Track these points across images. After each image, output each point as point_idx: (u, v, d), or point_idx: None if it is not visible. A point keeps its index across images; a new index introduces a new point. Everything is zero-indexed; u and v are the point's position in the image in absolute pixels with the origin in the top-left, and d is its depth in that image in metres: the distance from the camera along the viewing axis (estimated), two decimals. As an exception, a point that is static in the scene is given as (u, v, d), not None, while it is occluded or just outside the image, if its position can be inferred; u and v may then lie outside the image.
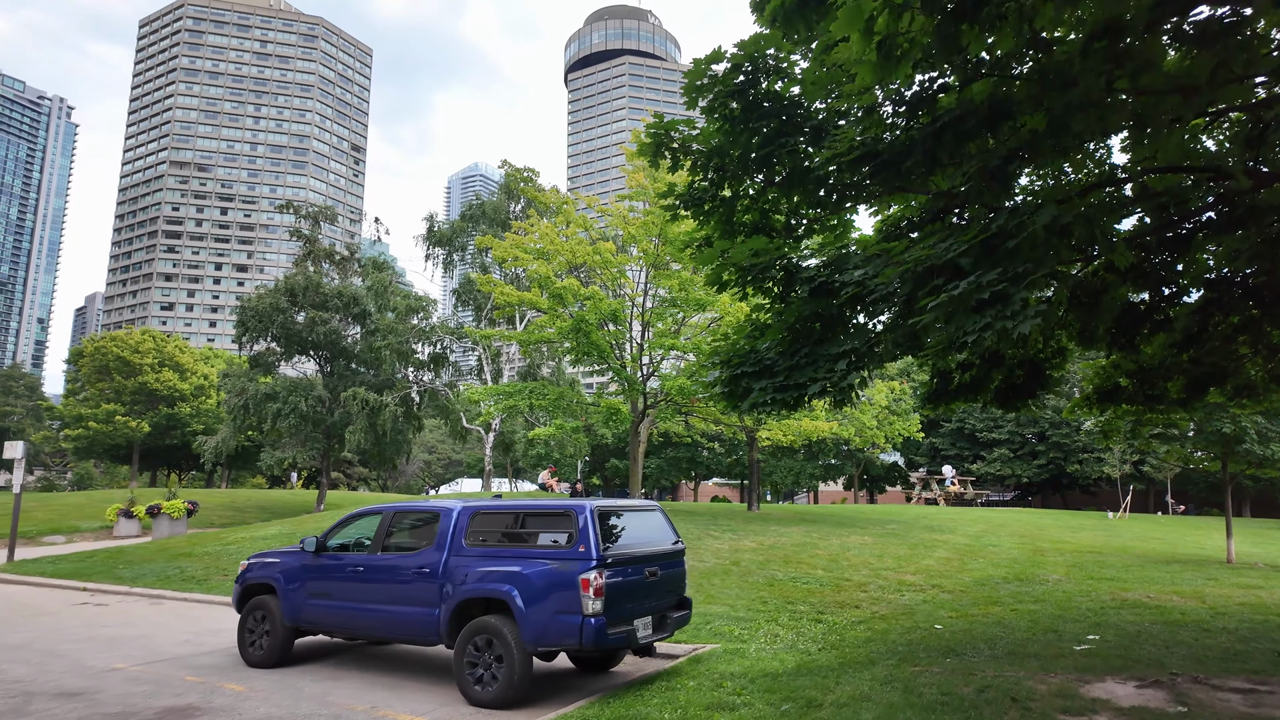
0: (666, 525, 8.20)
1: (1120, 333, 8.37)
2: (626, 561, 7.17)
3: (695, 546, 15.65)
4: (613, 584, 6.92)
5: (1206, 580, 12.37)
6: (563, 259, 20.53)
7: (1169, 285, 7.92)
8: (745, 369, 5.73)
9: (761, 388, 5.53)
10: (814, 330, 5.80)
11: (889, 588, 12.19)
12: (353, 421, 30.70)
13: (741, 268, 5.38)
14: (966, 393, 9.67)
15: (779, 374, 5.57)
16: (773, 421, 21.99)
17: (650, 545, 7.74)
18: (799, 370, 5.51)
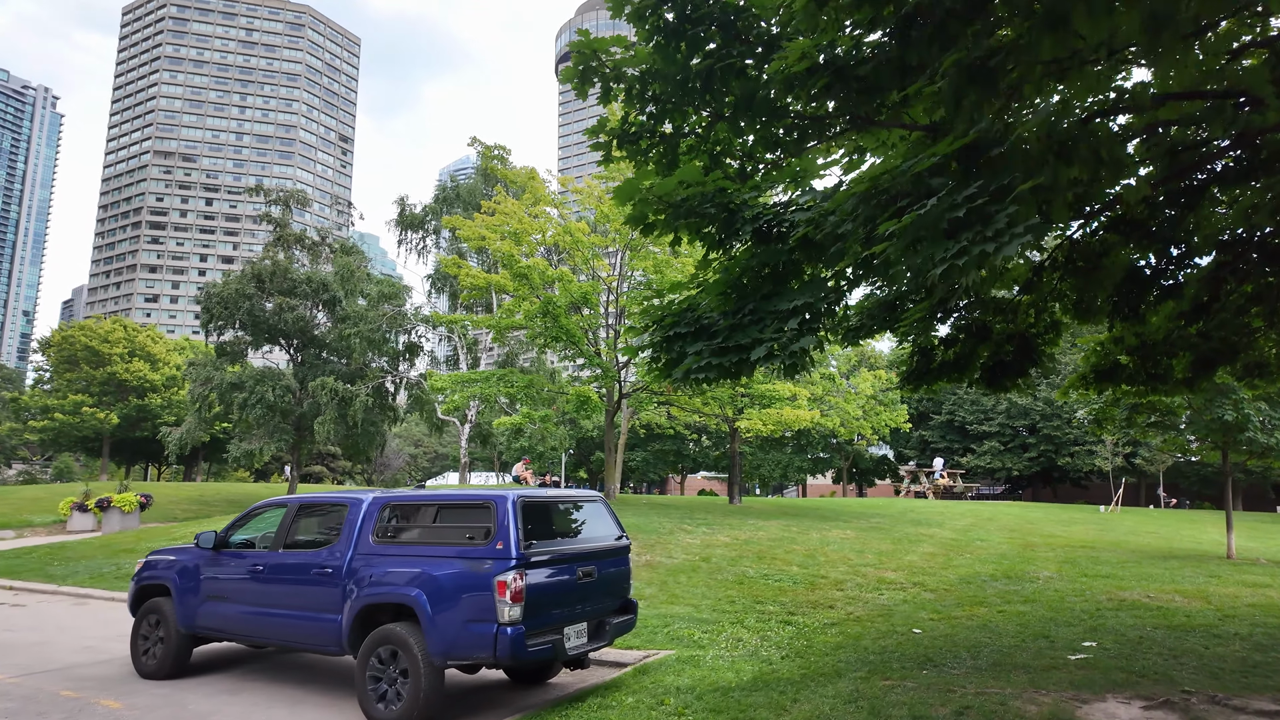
0: (609, 519, 7.23)
1: (1123, 301, 7.43)
2: (555, 560, 6.20)
3: (665, 542, 14.70)
4: (536, 587, 5.95)
5: (1209, 578, 11.50)
6: (534, 239, 19.51)
7: (1178, 246, 6.97)
8: (679, 330, 4.75)
9: (697, 352, 4.55)
10: (762, 284, 4.83)
11: (867, 586, 11.27)
12: (322, 412, 29.60)
13: (671, 204, 4.39)
14: (950, 371, 8.72)
15: (718, 335, 4.59)
16: (752, 411, 21.07)
17: (587, 541, 6.77)
18: (741, 330, 4.53)
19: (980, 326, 8.24)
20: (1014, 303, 8.23)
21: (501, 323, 19.19)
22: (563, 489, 7.26)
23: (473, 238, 18.80)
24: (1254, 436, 13.57)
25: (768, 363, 4.27)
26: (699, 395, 22.25)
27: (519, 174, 19.52)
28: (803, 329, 4.33)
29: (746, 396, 22.91)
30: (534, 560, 5.97)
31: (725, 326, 4.63)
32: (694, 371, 4.48)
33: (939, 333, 8.92)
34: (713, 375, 4.43)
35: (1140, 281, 7.21)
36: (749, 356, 4.32)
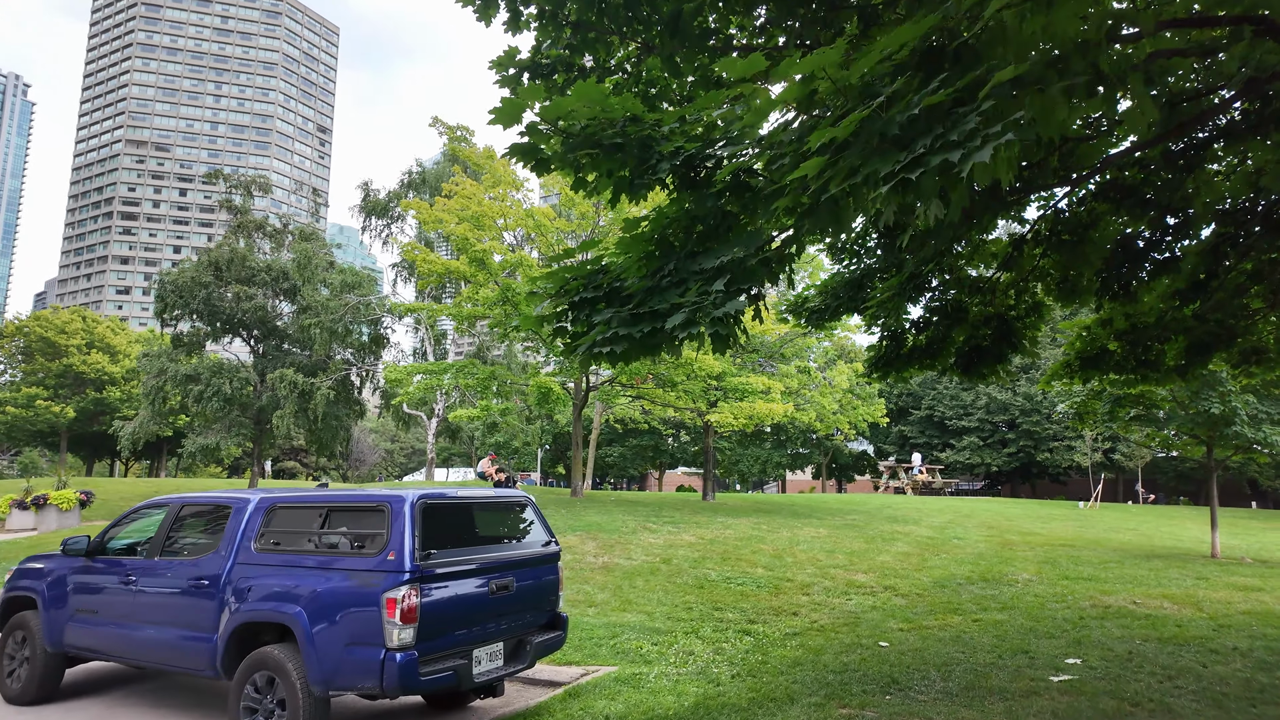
0: (536, 522, 6.36)
1: (1113, 278, 6.67)
2: (462, 572, 5.33)
3: (626, 542, 13.86)
4: (435, 604, 5.08)
5: (1196, 580, 10.85)
6: (498, 224, 18.55)
7: (1175, 215, 6.21)
8: (586, 295, 3.88)
9: (605, 320, 3.69)
10: (691, 240, 3.97)
11: (835, 590, 10.49)
12: (281, 406, 28.44)
13: (571, 134, 3.51)
14: (922, 357, 7.93)
15: (632, 300, 3.73)
16: (725, 404, 20.28)
17: (505, 549, 5.90)
18: (660, 294, 3.68)
19: (955, 307, 7.45)
20: (992, 281, 7.45)
21: (462, 312, 18.23)
22: (494, 488, 6.41)
23: (430, 221, 17.82)
24: (1241, 430, 12.97)
25: (688, 332, 3.41)
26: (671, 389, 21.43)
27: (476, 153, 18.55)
28: (730, 289, 3.48)
29: (720, 390, 22.13)
30: (434, 573, 5.10)
31: (640, 290, 3.77)
32: (599, 345, 3.62)
33: (910, 315, 8.15)
34: (623, 348, 3.57)
35: (1132, 255, 6.45)
36: (664, 325, 3.47)
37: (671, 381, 20.61)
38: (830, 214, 3.16)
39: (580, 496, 21.01)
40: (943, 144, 2.12)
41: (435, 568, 5.11)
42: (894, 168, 2.21)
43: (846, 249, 8.26)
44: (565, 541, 13.70)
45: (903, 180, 2.20)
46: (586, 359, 3.83)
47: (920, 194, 2.24)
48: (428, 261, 18.43)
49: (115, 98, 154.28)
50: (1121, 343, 7.71)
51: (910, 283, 6.32)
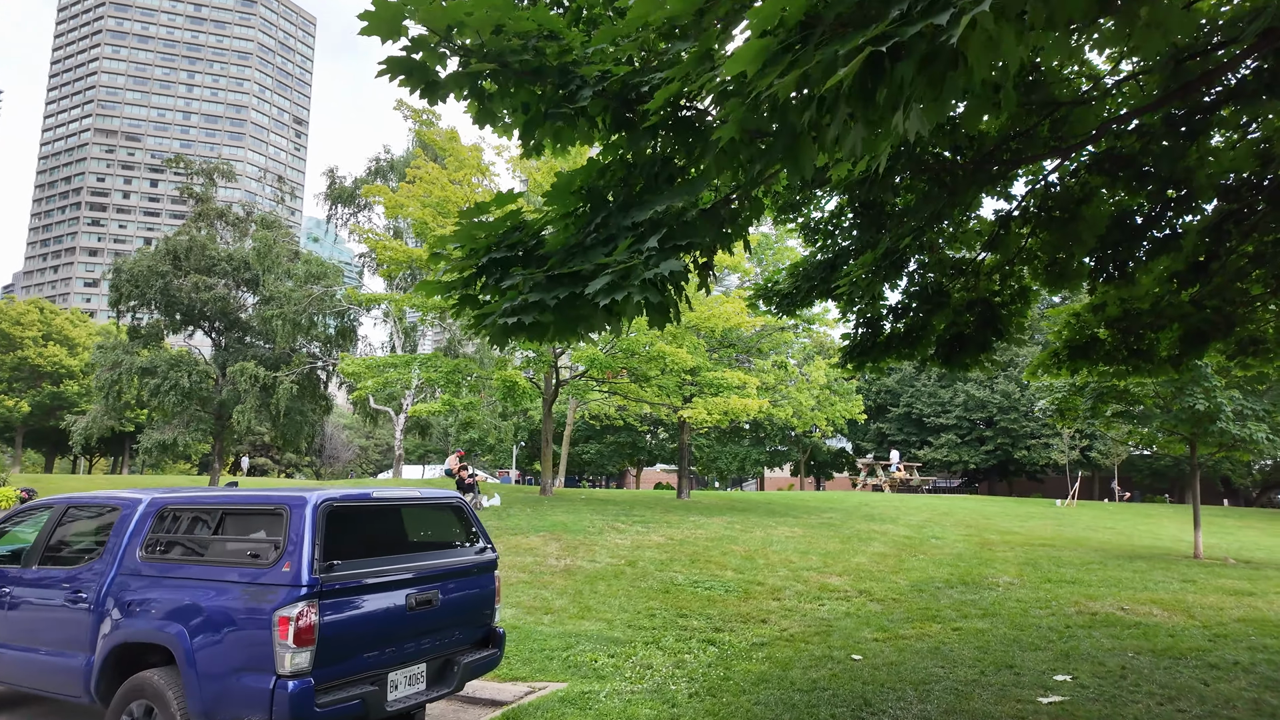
0: (470, 526, 5.68)
1: (1108, 258, 6.10)
2: (375, 585, 4.64)
3: (591, 543, 13.21)
4: (339, 622, 4.38)
5: (1183, 583, 10.41)
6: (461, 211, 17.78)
7: (1177, 188, 5.65)
8: (498, 255, 3.21)
9: (515, 285, 3.02)
10: (625, 191, 3.31)
11: (808, 594, 9.91)
12: (242, 400, 27.45)
13: (470, 51, 2.83)
14: (900, 346, 7.35)
15: (552, 261, 3.07)
16: (699, 400, 19.68)
17: (430, 558, 5.21)
18: (583, 253, 3.02)
19: (936, 291, 6.86)
20: (975, 264, 6.88)
21: (426, 302, 17.45)
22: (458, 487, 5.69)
23: (393, 207, 17.00)
24: (1226, 427, 12.58)
25: (612, 298, 2.75)
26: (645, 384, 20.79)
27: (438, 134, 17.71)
28: (665, 247, 2.82)
29: (695, 385, 21.53)
30: (339, 586, 4.40)
31: (561, 249, 3.10)
32: (508, 315, 2.95)
33: (888, 301, 7.56)
34: (533, 319, 2.90)
35: (1130, 233, 5.89)
36: (585, 290, 2.80)
37: (645, 376, 19.97)
38: (786, 149, 2.52)
39: (550, 495, 20.32)
40: (923, 7, 1.48)
41: (340, 580, 4.42)
42: (858, 43, 1.57)
43: (820, 229, 7.65)
44: (526, 543, 13.03)
45: (873, 66, 1.55)
46: (497, 333, 3.15)
47: (894, 85, 1.60)
48: (389, 249, 17.63)
49: (84, 85, 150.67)
50: (1113, 331, 7.17)
51: (887, 260, 5.71)
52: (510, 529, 14.16)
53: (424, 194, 17.47)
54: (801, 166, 2.51)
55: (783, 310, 7.63)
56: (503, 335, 3.19)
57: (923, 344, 7.19)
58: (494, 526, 14.38)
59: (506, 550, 12.50)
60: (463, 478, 18.32)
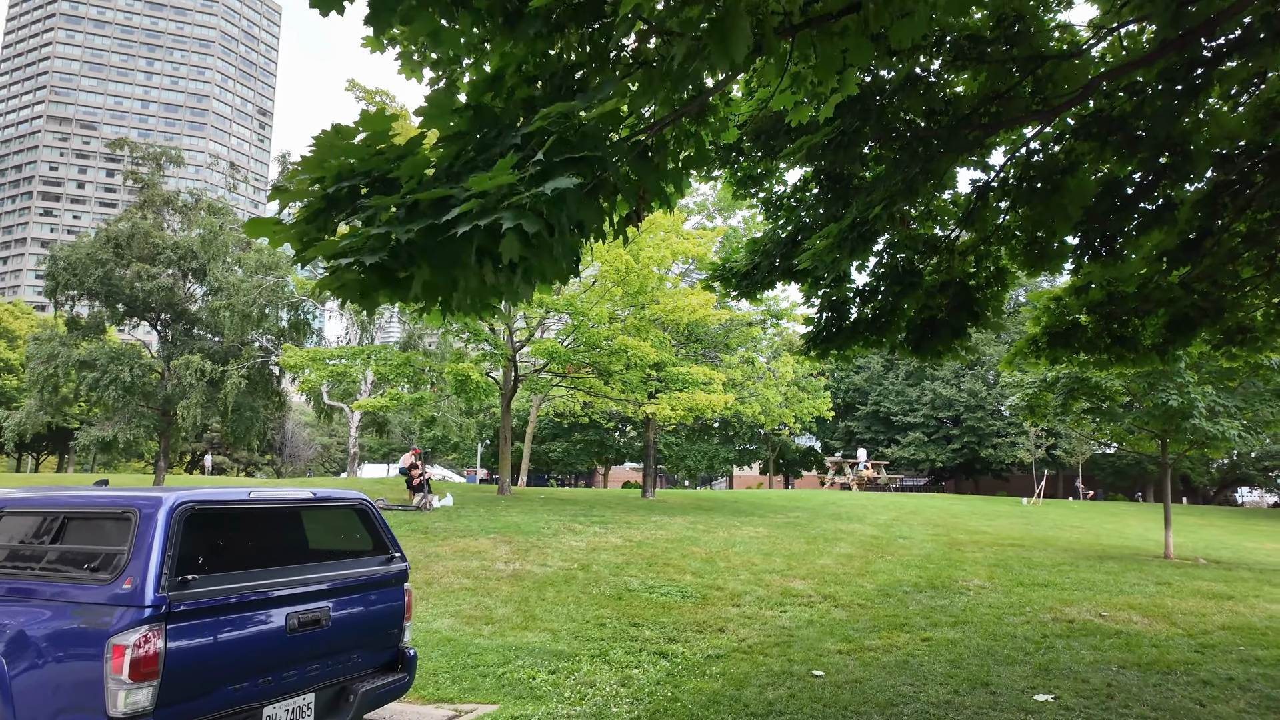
0: (373, 532, 4.93)
1: (1095, 232, 5.54)
2: (239, 605, 3.88)
3: (544, 545, 12.48)
4: (192, 650, 3.62)
5: (1159, 586, 10.00)
6: None
7: (1173, 153, 5.09)
8: (350, 183, 2.48)
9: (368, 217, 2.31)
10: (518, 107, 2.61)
11: (769, 600, 9.29)
12: (187, 395, 26.19)
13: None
14: (867, 332, 6.74)
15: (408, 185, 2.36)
16: (664, 396, 19.04)
17: (319, 570, 4.46)
18: (455, 177, 2.32)
19: (907, 271, 6.27)
20: (950, 241, 6.30)
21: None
22: (310, 491, 4.94)
23: None
24: (1199, 424, 12.27)
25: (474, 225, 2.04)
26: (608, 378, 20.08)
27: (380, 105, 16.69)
28: (553, 164, 2.12)
29: (660, 381, 20.88)
30: (193, 606, 3.64)
31: (429, 176, 2.39)
32: (348, 254, 2.23)
33: (855, 283, 6.96)
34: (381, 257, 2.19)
35: (1120, 204, 5.33)
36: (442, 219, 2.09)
37: (608, 371, 19.27)
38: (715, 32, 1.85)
39: (508, 494, 19.52)
40: None
41: (197, 599, 3.66)
42: None
43: (782, 204, 7.03)
44: (474, 546, 12.26)
45: None
46: (353, 288, 2.43)
47: None
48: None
49: (36, 71, 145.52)
50: (1095, 316, 6.65)
51: (854, 232, 5.08)
52: (459, 531, 13.37)
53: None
54: (732, 48, 1.82)
55: (742, 292, 6.99)
56: (361, 292, 2.47)
57: (892, 330, 6.59)
58: (442, 528, 13.58)
59: (452, 553, 11.72)
60: (413, 476, 17.45)
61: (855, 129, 5.35)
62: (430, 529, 13.48)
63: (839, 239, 5.14)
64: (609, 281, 15.82)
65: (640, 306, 17.61)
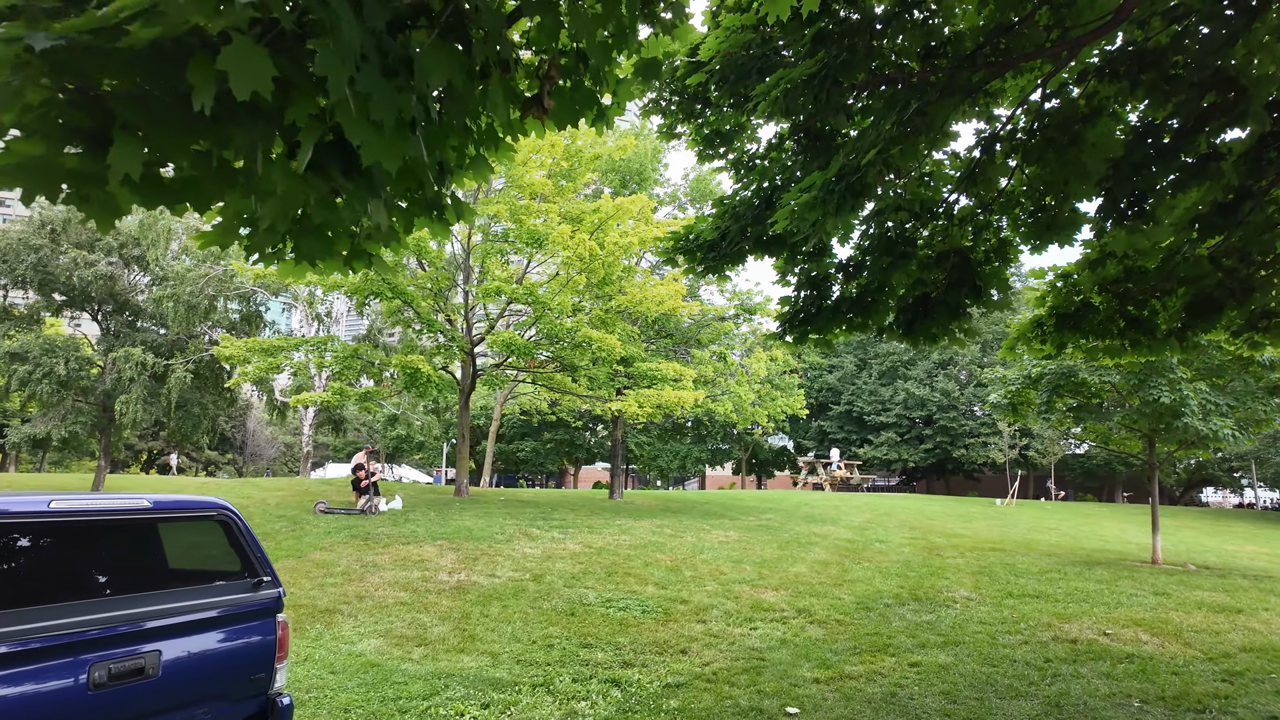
0: (239, 550, 3.90)
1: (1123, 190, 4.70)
2: (13, 656, 2.84)
3: (496, 553, 11.46)
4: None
5: (1157, 596, 9.29)
6: None
7: (1221, 90, 4.25)
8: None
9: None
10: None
11: (739, 615, 8.39)
12: (127, 390, 24.66)
13: None
14: (851, 312, 5.85)
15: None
16: (631, 393, 18.08)
17: (149, 602, 3.42)
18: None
19: (900, 239, 5.39)
20: (948, 205, 5.44)
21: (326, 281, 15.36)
22: (148, 499, 3.89)
23: None
24: (1190, 422, 11.65)
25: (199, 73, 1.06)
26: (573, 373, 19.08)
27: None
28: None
29: (627, 376, 19.93)
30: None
31: None
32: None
33: (836, 256, 6.07)
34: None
35: (1155, 154, 4.48)
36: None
37: (573, 366, 18.27)
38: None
39: (466, 496, 18.44)
40: None
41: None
42: None
43: (755, 166, 6.11)
44: (417, 554, 11.21)
45: None
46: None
47: None
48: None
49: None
50: (1108, 296, 5.83)
51: (842, 184, 4.18)
52: (403, 537, 12.30)
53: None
54: None
55: (709, 267, 6.06)
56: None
57: (880, 310, 5.72)
58: (385, 534, 12.50)
59: (391, 562, 10.67)
60: (360, 477, 16.31)
61: (841, 62, 4.45)
62: (372, 535, 12.39)
63: (823, 192, 4.24)
64: (572, 269, 14.83)
65: (607, 298, 16.66)
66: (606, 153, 17.12)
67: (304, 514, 14.55)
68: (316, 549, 11.57)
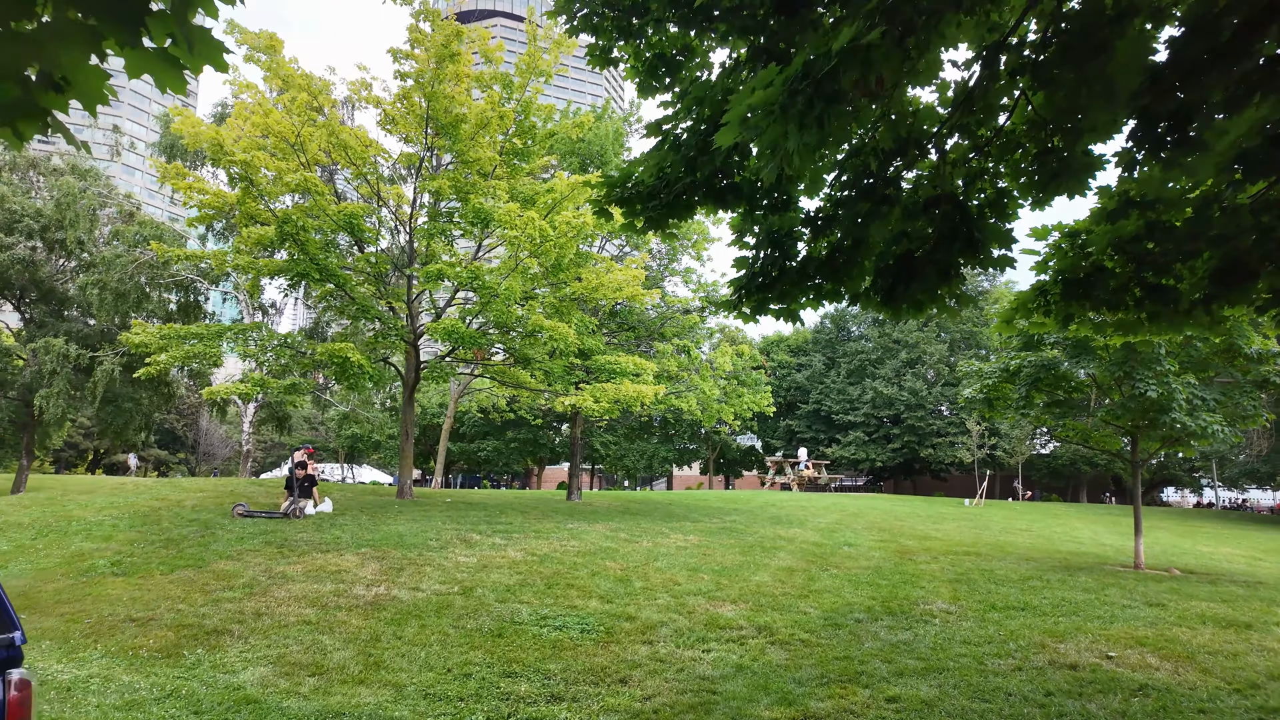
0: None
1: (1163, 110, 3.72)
2: None
3: (425, 562, 10.28)
4: None
5: (1152, 608, 8.46)
6: (313, 155, 14.43)
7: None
8: None
9: None
10: None
11: (691, 634, 7.34)
12: (50, 383, 22.86)
13: None
14: (821, 275, 4.83)
15: None
16: (587, 387, 16.96)
17: None
18: None
19: (881, 180, 4.38)
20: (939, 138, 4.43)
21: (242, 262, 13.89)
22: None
23: (212, 144, 13.24)
24: (1178, 418, 10.90)
25: None
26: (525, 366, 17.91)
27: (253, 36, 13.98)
28: None
29: (585, 370, 18.81)
30: None
31: None
32: None
33: (804, 208, 5.04)
34: None
35: (1204, 60, 3.51)
36: None
37: (525, 358, 17.08)
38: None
39: (409, 497, 17.15)
40: None
41: None
42: None
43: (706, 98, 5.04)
44: (335, 564, 9.98)
45: None
46: None
47: None
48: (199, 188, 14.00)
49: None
50: (1124, 258, 4.88)
51: (808, 83, 3.13)
52: (325, 544, 11.05)
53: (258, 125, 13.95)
54: None
55: (649, 221, 4.98)
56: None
57: (854, 272, 4.70)
58: (305, 541, 11.24)
59: (304, 574, 9.43)
60: (297, 476, 14.97)
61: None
62: (289, 542, 11.11)
63: (785, 96, 3.19)
64: (521, 251, 13.65)
65: (561, 285, 15.53)
66: (563, 130, 15.97)
67: (221, 518, 13.19)
68: (223, 557, 10.28)
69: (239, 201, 13.36)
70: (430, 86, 13.71)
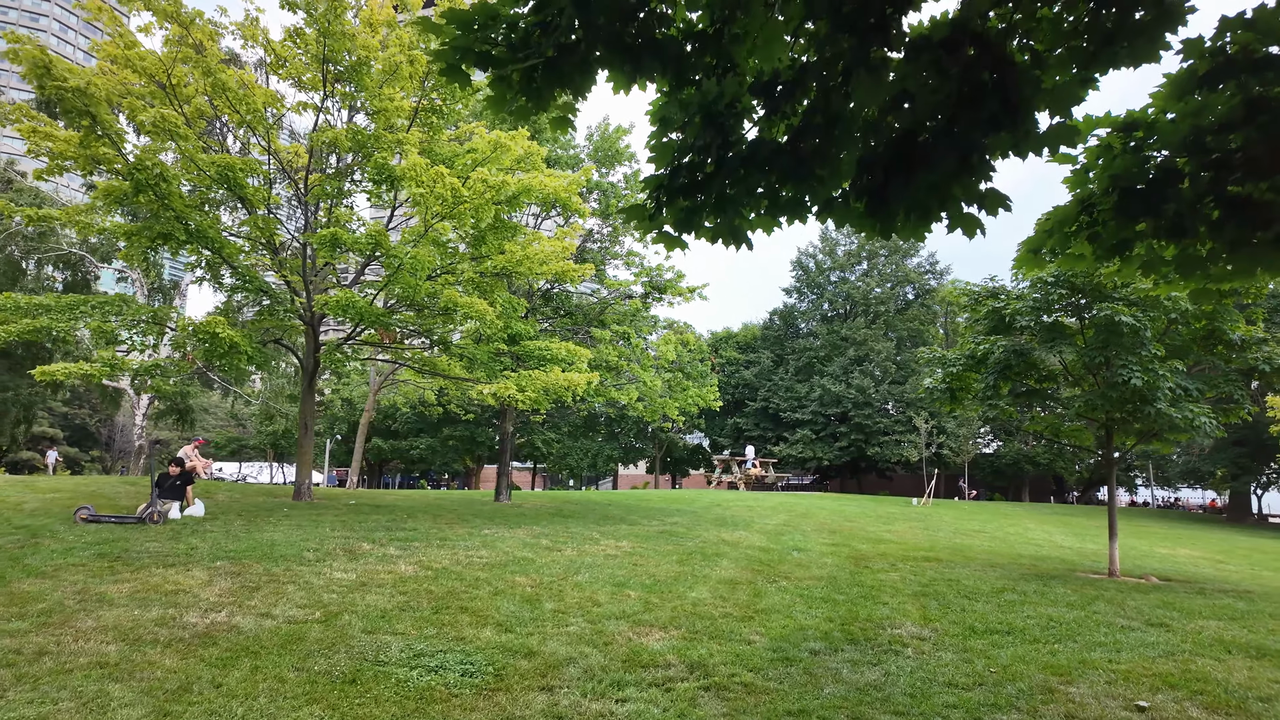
0: None
1: None
2: None
3: (289, 579, 8.43)
4: None
5: (1155, 628, 7.22)
6: (183, 95, 12.32)
7: None
8: None
9: None
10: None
11: (604, 676, 5.72)
12: (-104, 369, 19.96)
13: None
14: (779, 170, 3.27)
15: None
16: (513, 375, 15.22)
17: None
18: None
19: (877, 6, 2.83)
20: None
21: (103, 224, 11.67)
22: None
23: (23, 56, 11.01)
24: (1162, 409, 9.81)
25: None
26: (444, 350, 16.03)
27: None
28: None
29: (514, 357, 17.05)
30: None
31: None
32: None
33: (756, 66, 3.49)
34: None
35: None
36: None
37: (444, 341, 15.23)
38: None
39: (307, 499, 15.12)
40: None
41: None
42: None
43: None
44: (172, 581, 8.04)
45: None
46: None
47: None
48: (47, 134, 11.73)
49: None
50: (1199, 162, 3.45)
51: None
52: (171, 557, 9.08)
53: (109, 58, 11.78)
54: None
55: (526, 90, 3.34)
56: None
57: (829, 166, 3.16)
58: (150, 552, 9.23)
59: (128, 596, 7.49)
60: (171, 473, 12.86)
61: None
62: (128, 553, 9.10)
63: None
64: (430, 214, 11.82)
65: (483, 257, 13.74)
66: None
67: (60, 523, 11.03)
68: (33, 574, 8.23)
69: (80, 142, 11.21)
70: (326, 22, 11.80)
